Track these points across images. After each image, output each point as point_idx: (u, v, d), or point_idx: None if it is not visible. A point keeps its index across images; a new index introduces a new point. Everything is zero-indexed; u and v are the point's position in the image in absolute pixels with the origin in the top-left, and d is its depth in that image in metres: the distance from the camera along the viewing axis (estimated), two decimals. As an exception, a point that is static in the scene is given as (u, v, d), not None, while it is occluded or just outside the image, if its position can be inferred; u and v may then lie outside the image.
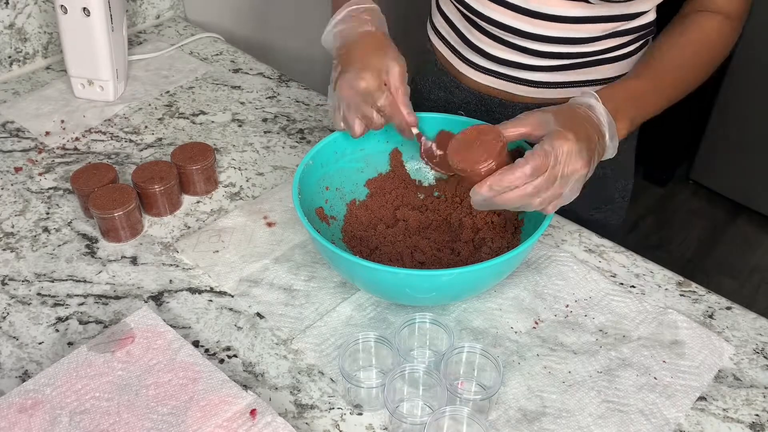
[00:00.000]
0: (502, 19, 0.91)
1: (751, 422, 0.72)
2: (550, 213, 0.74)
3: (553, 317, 0.82)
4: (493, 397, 0.70)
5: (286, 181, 1.03)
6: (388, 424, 0.72)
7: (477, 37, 0.97)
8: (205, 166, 0.98)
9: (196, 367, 0.74)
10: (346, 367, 0.72)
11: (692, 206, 2.50)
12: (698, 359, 0.77)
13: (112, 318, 0.82)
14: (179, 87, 1.23)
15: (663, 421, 0.72)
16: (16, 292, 0.86)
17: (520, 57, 0.95)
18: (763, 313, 0.84)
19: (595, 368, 0.77)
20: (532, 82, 0.97)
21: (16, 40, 1.23)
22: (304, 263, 0.89)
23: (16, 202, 0.99)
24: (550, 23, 0.89)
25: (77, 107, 1.17)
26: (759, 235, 2.38)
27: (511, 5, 0.89)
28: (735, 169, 2.39)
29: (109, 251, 0.91)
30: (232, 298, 0.85)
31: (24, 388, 0.71)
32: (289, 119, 1.16)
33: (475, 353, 0.73)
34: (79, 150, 1.08)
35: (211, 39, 1.38)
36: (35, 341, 0.80)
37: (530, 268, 0.88)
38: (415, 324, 0.76)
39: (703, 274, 2.24)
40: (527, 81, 0.97)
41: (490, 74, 0.99)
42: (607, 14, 0.89)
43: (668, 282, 0.87)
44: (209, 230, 0.94)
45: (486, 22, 0.93)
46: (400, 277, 0.74)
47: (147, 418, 0.69)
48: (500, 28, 0.92)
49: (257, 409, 0.70)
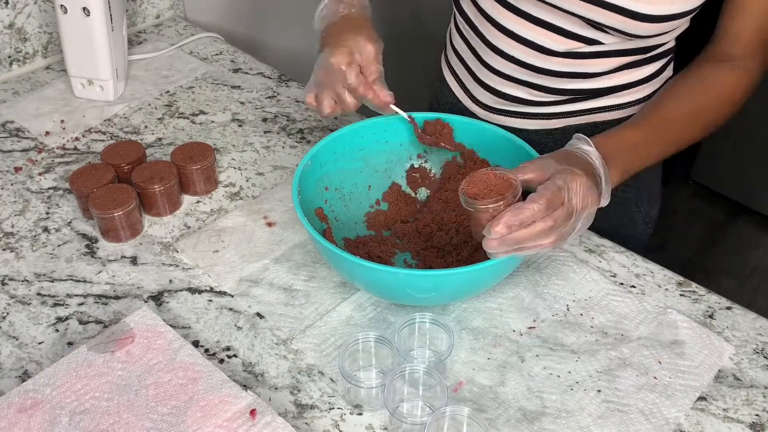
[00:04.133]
0: (512, 52, 0.90)
1: (751, 422, 0.72)
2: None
3: (553, 317, 0.82)
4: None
5: (286, 181, 1.03)
6: (388, 424, 0.72)
7: (486, 75, 0.96)
8: (205, 166, 0.98)
9: (196, 367, 0.74)
10: (346, 367, 0.72)
11: (692, 206, 2.50)
12: (698, 359, 0.77)
13: (112, 318, 0.82)
14: (179, 87, 1.23)
15: (663, 421, 0.72)
16: (15, 292, 0.86)
17: (528, 94, 0.94)
18: (763, 313, 0.84)
19: (595, 368, 0.77)
20: (540, 115, 0.96)
21: (16, 40, 1.23)
22: (304, 263, 0.89)
23: (15, 202, 0.99)
24: (558, 58, 0.88)
25: (77, 107, 1.17)
26: (759, 235, 2.38)
27: (522, 39, 0.88)
28: (735, 169, 2.38)
29: (108, 251, 0.91)
30: (232, 298, 0.85)
31: (24, 388, 0.71)
32: (289, 119, 1.16)
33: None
34: (79, 150, 1.08)
35: (211, 39, 1.38)
36: (35, 341, 0.80)
37: (530, 268, 0.88)
38: (415, 324, 0.76)
39: (703, 274, 2.24)
40: (535, 115, 0.96)
41: (499, 113, 0.98)
42: (621, 48, 0.87)
43: (668, 282, 0.87)
44: (209, 230, 0.94)
45: (497, 54, 0.92)
46: (400, 277, 0.74)
47: (147, 418, 0.69)
48: (510, 61, 0.91)
49: (257, 409, 0.70)
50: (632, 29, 0.81)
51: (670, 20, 0.80)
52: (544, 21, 0.86)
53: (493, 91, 0.96)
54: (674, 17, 0.80)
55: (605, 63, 0.88)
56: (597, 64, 0.88)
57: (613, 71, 0.90)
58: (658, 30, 0.82)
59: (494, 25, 0.91)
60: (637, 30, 0.81)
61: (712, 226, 2.43)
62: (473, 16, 0.95)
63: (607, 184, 0.76)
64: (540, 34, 0.87)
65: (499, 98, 0.96)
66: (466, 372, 0.76)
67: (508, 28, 0.89)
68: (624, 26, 0.81)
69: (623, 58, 0.88)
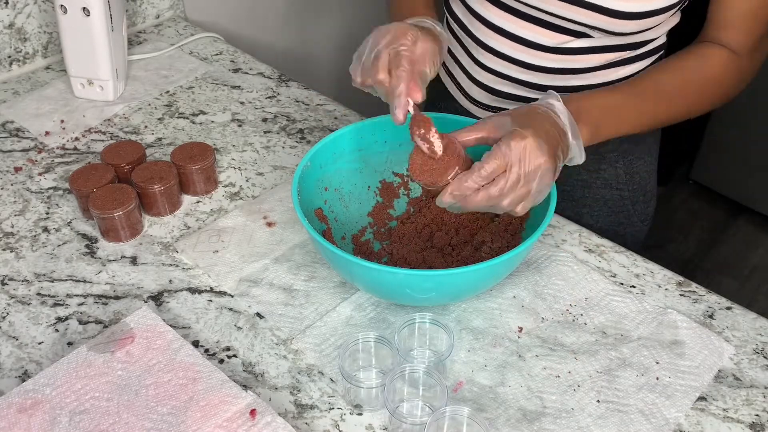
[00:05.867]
0: (503, 49, 0.90)
1: (751, 422, 0.72)
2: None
3: (553, 317, 0.82)
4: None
5: (285, 181, 1.03)
6: (388, 424, 0.72)
7: (479, 73, 0.96)
8: (204, 166, 0.98)
9: (196, 367, 0.74)
10: (346, 367, 0.72)
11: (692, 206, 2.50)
12: (698, 359, 0.77)
13: (112, 318, 0.82)
14: (179, 87, 1.23)
15: (663, 421, 0.72)
16: (15, 292, 0.86)
17: (521, 91, 0.94)
18: (763, 313, 0.84)
19: (595, 368, 0.77)
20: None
21: (16, 40, 1.23)
22: (303, 263, 0.89)
23: (15, 202, 0.99)
24: (549, 54, 0.88)
25: (77, 107, 1.17)
26: (759, 235, 2.38)
27: (512, 35, 0.89)
28: (735, 169, 2.38)
29: (108, 251, 0.91)
30: (231, 298, 0.85)
31: (24, 388, 0.71)
32: (289, 119, 1.16)
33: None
34: (79, 150, 1.08)
35: (211, 39, 1.38)
36: (35, 341, 0.80)
37: (530, 268, 0.88)
38: (415, 324, 0.76)
39: (703, 274, 2.24)
40: None
41: (494, 111, 0.98)
42: (610, 44, 0.87)
43: (668, 282, 0.87)
44: (209, 230, 0.94)
45: (489, 51, 0.92)
46: (400, 277, 0.74)
47: (147, 418, 0.69)
48: (502, 58, 0.91)
49: (257, 409, 0.70)
50: (614, 27, 0.81)
51: (651, 16, 0.81)
52: (532, 16, 0.86)
53: (487, 89, 0.97)
54: (654, 13, 0.80)
55: (595, 59, 0.89)
56: (587, 60, 0.89)
57: (604, 67, 0.90)
58: (640, 27, 0.82)
59: (483, 23, 0.91)
60: (619, 27, 0.82)
61: (712, 226, 2.43)
62: (462, 16, 0.95)
63: (576, 138, 0.75)
64: (529, 30, 0.87)
65: (494, 96, 0.97)
66: (466, 372, 0.76)
67: (497, 25, 0.90)
68: (606, 25, 0.81)
69: (613, 54, 0.89)
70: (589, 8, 0.80)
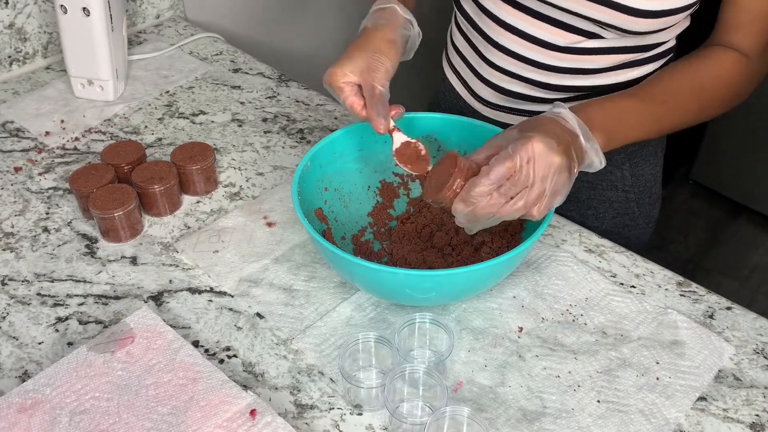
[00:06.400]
0: (514, 47, 0.90)
1: (751, 422, 0.72)
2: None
3: (553, 317, 0.82)
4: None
5: (286, 181, 1.03)
6: (388, 424, 0.72)
7: (487, 71, 0.96)
8: (205, 166, 0.98)
9: (196, 367, 0.74)
10: (346, 367, 0.72)
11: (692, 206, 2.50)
12: (698, 359, 0.77)
13: (112, 318, 0.82)
14: (179, 87, 1.23)
15: (663, 421, 0.72)
16: (15, 292, 0.86)
17: (530, 90, 0.94)
18: (763, 313, 0.84)
19: (595, 368, 0.77)
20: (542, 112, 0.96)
21: (16, 40, 1.23)
22: (304, 263, 0.89)
23: (15, 202, 0.99)
24: (560, 54, 0.88)
25: (77, 107, 1.17)
26: (759, 235, 2.38)
27: (523, 34, 0.88)
28: (735, 169, 2.39)
29: (108, 251, 0.91)
30: (231, 298, 0.85)
31: (24, 388, 0.71)
32: (289, 119, 1.16)
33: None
34: (79, 150, 1.08)
35: (210, 39, 1.38)
36: (35, 341, 0.80)
37: (530, 268, 0.88)
38: (415, 324, 0.76)
39: (703, 274, 2.24)
40: (537, 112, 0.95)
41: (501, 110, 0.98)
42: (621, 45, 0.87)
43: (668, 282, 0.87)
44: (209, 230, 0.94)
45: (499, 50, 0.92)
46: (400, 277, 0.74)
47: (147, 418, 0.69)
48: (512, 57, 0.91)
49: (257, 409, 0.70)
50: (630, 25, 0.81)
51: (668, 15, 0.80)
52: (544, 15, 0.86)
53: (495, 88, 0.96)
54: (671, 12, 0.80)
55: (606, 60, 0.89)
56: (598, 60, 0.89)
57: (614, 68, 0.90)
58: (655, 26, 0.82)
59: (495, 21, 0.91)
60: (634, 26, 0.81)
61: (712, 226, 2.43)
62: (473, 13, 0.95)
63: (590, 141, 0.74)
64: (541, 29, 0.87)
65: (501, 94, 0.97)
66: (466, 372, 0.76)
67: (509, 23, 0.89)
68: (622, 23, 0.81)
69: (624, 56, 0.88)
70: (606, 5, 0.80)
